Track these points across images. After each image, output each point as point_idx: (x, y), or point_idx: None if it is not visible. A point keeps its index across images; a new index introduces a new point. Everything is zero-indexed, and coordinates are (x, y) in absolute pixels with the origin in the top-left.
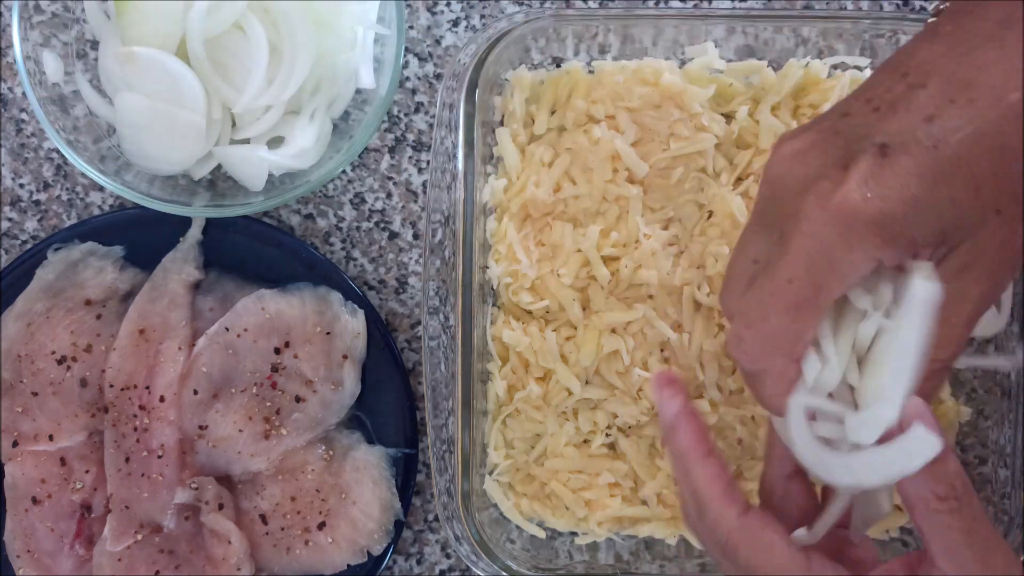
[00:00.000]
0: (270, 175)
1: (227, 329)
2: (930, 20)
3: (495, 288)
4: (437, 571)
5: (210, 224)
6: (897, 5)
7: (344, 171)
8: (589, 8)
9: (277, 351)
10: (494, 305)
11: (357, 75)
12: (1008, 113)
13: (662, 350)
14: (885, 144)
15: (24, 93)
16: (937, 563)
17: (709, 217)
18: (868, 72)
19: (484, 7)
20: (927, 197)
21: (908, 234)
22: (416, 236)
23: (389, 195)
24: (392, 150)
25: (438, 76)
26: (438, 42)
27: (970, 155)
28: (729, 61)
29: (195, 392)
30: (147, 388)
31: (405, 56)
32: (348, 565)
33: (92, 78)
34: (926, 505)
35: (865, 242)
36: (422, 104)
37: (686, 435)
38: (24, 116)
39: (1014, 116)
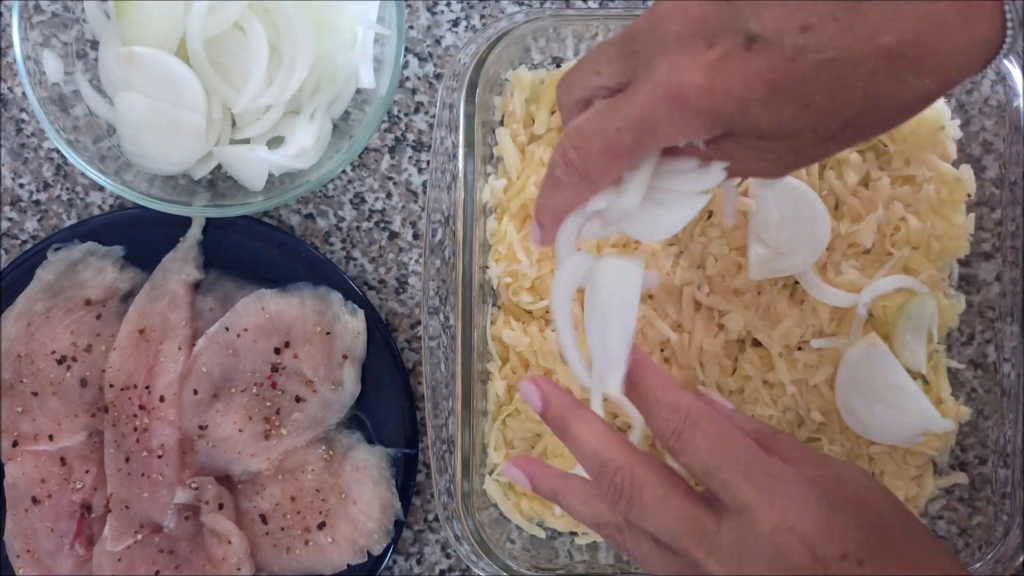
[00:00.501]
0: (270, 175)
1: (227, 329)
2: None
3: (495, 288)
4: (437, 571)
5: (210, 224)
6: None
7: (344, 171)
8: (589, 8)
9: (277, 351)
10: (494, 305)
11: (357, 75)
12: (871, 53)
13: (662, 350)
14: (754, 37)
15: (24, 93)
16: None
17: (709, 217)
18: None
19: (484, 7)
20: (760, 101)
21: (727, 126)
22: (416, 236)
23: (389, 195)
24: (392, 150)
25: (438, 76)
26: (438, 42)
27: (817, 78)
28: None
29: (195, 392)
30: (147, 388)
31: (405, 56)
32: (348, 565)
33: (92, 78)
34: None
35: (688, 124)
36: (422, 104)
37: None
38: (24, 116)
39: (874, 58)
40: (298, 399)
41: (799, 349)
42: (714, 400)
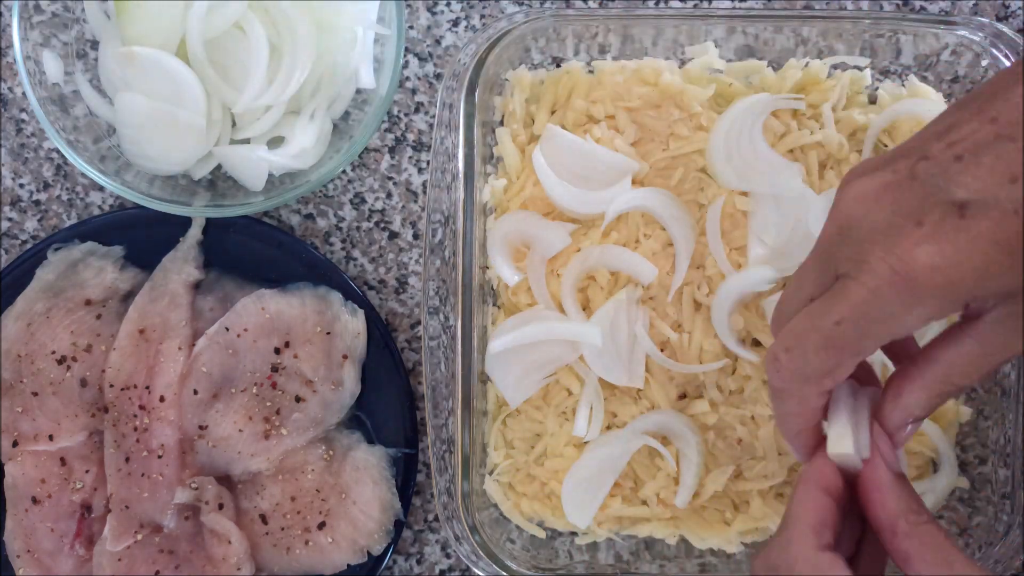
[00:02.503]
0: (270, 175)
1: (227, 329)
2: None
3: (495, 288)
4: (437, 571)
5: (210, 224)
6: (897, 5)
7: (344, 171)
8: (589, 8)
9: (277, 351)
10: (494, 305)
11: (357, 75)
12: None
13: (662, 350)
14: (965, 203)
15: (24, 93)
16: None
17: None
18: (868, 72)
19: (484, 7)
20: (997, 264)
21: (969, 297)
22: (416, 236)
23: (389, 195)
24: (392, 150)
25: (438, 76)
26: (438, 42)
27: None
28: (729, 61)
29: (195, 392)
30: (147, 388)
31: (405, 56)
32: (348, 565)
33: (92, 78)
34: (907, 519)
35: (924, 305)
36: (422, 104)
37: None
38: (24, 116)
39: None
40: (298, 399)
41: None
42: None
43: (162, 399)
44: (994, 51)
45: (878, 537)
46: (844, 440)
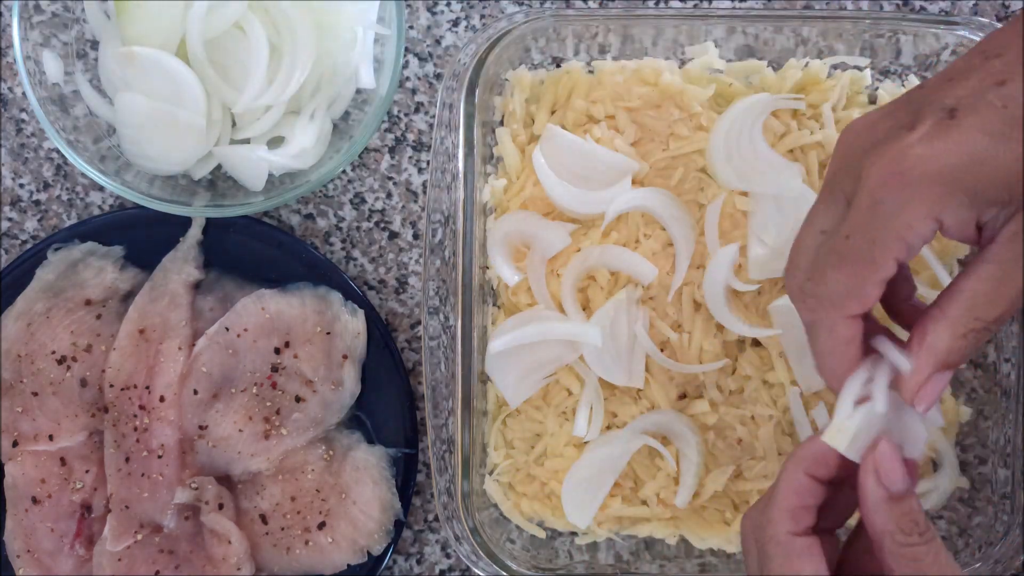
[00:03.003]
0: (270, 175)
1: (227, 329)
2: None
3: (495, 288)
4: (437, 571)
5: (210, 224)
6: (897, 5)
7: (344, 171)
8: (589, 8)
9: (277, 351)
10: (494, 305)
11: (357, 75)
12: None
13: (662, 350)
14: (954, 107)
15: (24, 93)
16: None
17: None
18: (868, 72)
19: (484, 7)
20: (993, 151)
21: (971, 186)
22: (416, 236)
23: (389, 195)
24: (392, 150)
25: (438, 76)
26: (438, 42)
27: None
28: (729, 61)
29: (195, 392)
30: (147, 388)
31: (405, 56)
32: (348, 565)
33: (92, 78)
34: (893, 539)
35: (921, 195)
36: (422, 104)
37: (812, 449)
38: (24, 116)
39: None
40: (298, 399)
41: None
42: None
43: (162, 399)
44: None
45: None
46: (839, 436)
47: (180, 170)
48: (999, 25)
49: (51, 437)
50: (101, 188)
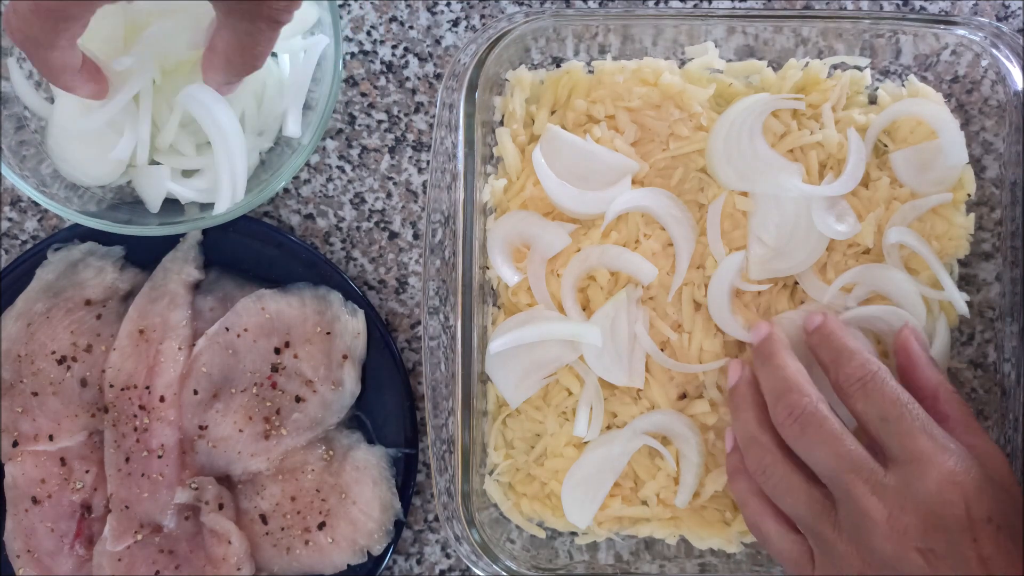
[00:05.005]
0: (179, 202)
1: (227, 329)
2: None
3: (495, 288)
4: (437, 571)
5: None
6: (897, 5)
7: (344, 171)
8: (589, 8)
9: (277, 351)
10: (494, 305)
11: (284, 121)
12: None
13: (662, 350)
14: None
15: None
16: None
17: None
18: (868, 72)
19: (484, 7)
20: None
21: None
22: (416, 236)
23: (389, 195)
24: (392, 150)
25: (438, 76)
26: (438, 42)
27: None
28: (729, 61)
29: (195, 392)
30: (147, 388)
31: (405, 56)
32: (348, 565)
33: (33, 72)
34: (945, 389)
35: None
36: (422, 104)
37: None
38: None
39: None
40: (298, 399)
41: None
42: (918, 335)
43: (162, 399)
44: (994, 51)
45: (921, 402)
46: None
47: (100, 183)
48: (999, 26)
49: (51, 437)
50: (101, 187)
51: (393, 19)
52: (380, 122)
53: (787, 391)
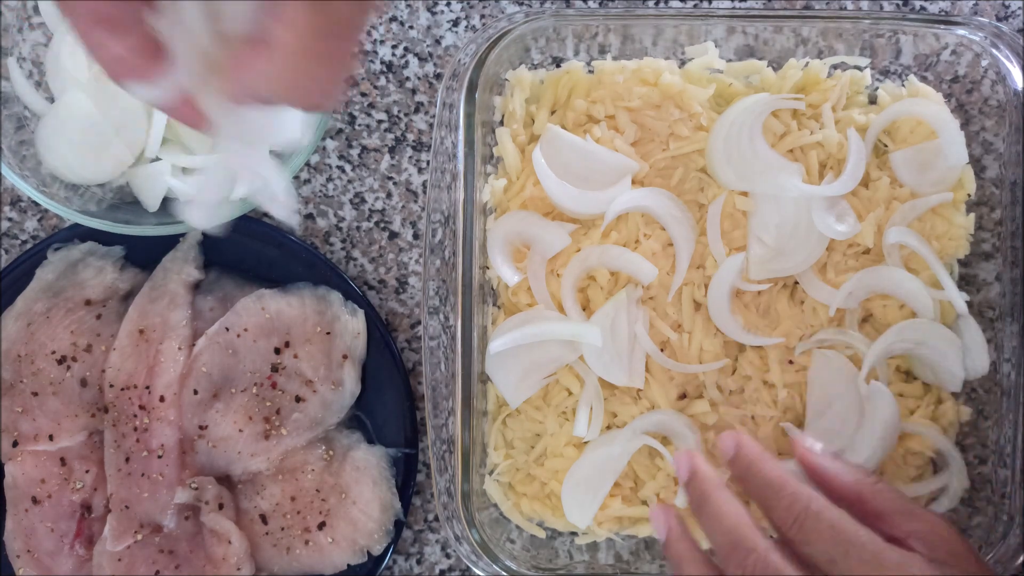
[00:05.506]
0: (174, 200)
1: (227, 329)
2: None
3: (495, 288)
4: (437, 571)
5: None
6: (897, 5)
7: (344, 171)
8: (589, 8)
9: (277, 351)
10: (494, 305)
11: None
12: None
13: (662, 350)
14: None
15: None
16: None
17: None
18: (868, 72)
19: (484, 7)
20: None
21: None
22: (416, 236)
23: (389, 195)
24: (392, 150)
25: (438, 76)
26: (438, 42)
27: None
28: (729, 61)
29: (195, 392)
30: (147, 388)
31: (405, 56)
32: (348, 565)
33: (33, 70)
34: (868, 485)
35: None
36: (422, 104)
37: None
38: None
39: None
40: (298, 399)
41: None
42: (813, 450)
43: (162, 399)
44: (994, 51)
45: (849, 511)
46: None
47: (94, 181)
48: (999, 26)
49: (51, 437)
50: (101, 186)
51: (393, 19)
52: (380, 122)
53: (733, 548)
